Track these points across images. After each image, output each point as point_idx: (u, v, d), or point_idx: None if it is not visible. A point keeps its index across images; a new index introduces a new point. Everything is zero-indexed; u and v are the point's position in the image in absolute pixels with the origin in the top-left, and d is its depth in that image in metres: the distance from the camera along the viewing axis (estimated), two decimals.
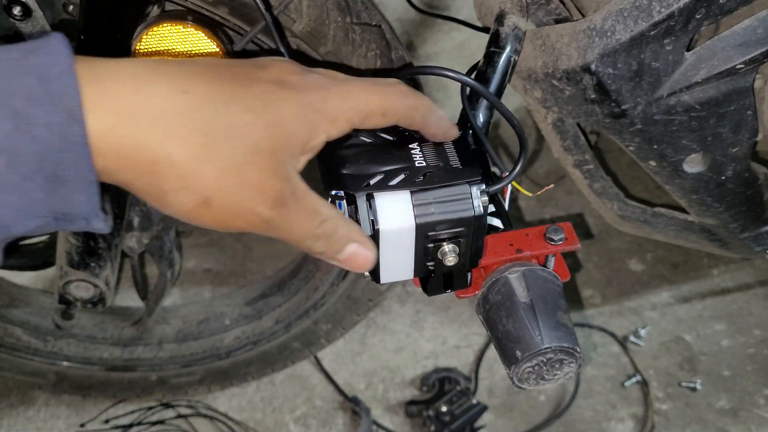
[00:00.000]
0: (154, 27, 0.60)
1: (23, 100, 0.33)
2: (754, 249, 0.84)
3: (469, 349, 1.26)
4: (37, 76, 0.33)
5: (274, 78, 0.40)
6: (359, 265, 0.44)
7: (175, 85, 0.37)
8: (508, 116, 0.52)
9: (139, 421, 1.18)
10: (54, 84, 0.33)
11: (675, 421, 1.14)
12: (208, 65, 0.39)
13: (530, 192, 0.58)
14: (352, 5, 0.70)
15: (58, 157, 0.34)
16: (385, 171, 0.45)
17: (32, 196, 0.34)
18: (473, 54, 1.79)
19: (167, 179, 0.36)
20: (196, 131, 0.36)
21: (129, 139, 0.35)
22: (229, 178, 0.37)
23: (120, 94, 0.35)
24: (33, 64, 0.34)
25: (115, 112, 0.35)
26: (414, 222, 0.45)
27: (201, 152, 0.36)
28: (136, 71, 0.36)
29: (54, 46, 0.34)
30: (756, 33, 0.57)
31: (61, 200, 0.35)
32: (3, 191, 0.33)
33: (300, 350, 1.13)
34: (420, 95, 0.45)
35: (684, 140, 0.65)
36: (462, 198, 0.45)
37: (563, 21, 0.63)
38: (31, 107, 0.33)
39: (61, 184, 0.34)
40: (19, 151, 0.33)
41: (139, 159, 0.36)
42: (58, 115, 0.33)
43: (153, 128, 0.35)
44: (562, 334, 0.48)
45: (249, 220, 0.39)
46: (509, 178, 0.49)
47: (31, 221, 0.35)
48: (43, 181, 0.34)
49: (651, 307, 1.30)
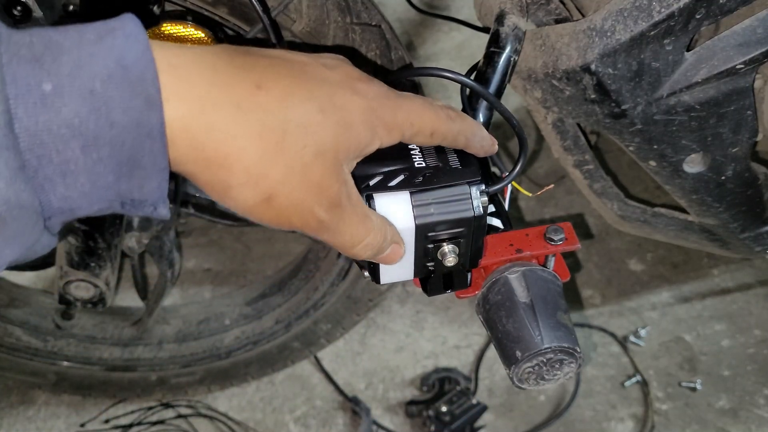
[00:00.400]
0: (154, 27, 0.60)
1: (101, 81, 0.32)
2: (754, 249, 0.84)
3: (469, 349, 1.26)
4: (114, 58, 0.33)
5: (343, 81, 0.40)
6: (392, 261, 0.45)
7: (251, 79, 0.36)
8: (508, 116, 0.52)
9: (139, 421, 1.18)
10: (132, 69, 0.33)
11: (675, 421, 1.14)
12: (281, 60, 0.39)
13: (530, 192, 0.58)
14: (352, 5, 0.70)
15: (134, 143, 0.33)
16: (385, 172, 0.45)
17: (103, 180, 0.34)
18: (473, 54, 1.79)
19: (235, 174, 0.36)
20: (270, 128, 0.36)
21: (203, 131, 0.35)
22: (295, 177, 0.37)
23: (196, 84, 0.35)
24: (110, 46, 0.33)
25: (191, 102, 0.34)
26: (414, 223, 0.45)
27: (272, 149, 0.36)
28: (211, 61, 0.36)
29: (131, 28, 0.34)
30: (756, 33, 0.57)
31: (131, 186, 0.35)
32: (75, 173, 0.33)
33: (300, 350, 1.13)
34: (465, 119, 0.46)
35: (684, 140, 0.65)
36: (461, 198, 0.45)
37: (563, 21, 0.62)
38: (110, 90, 0.32)
39: (133, 170, 0.34)
40: (96, 135, 0.32)
41: (211, 152, 0.35)
42: (136, 100, 0.33)
43: (228, 122, 0.35)
44: (562, 334, 0.48)
45: (305, 219, 0.40)
46: (509, 178, 0.49)
47: (97, 204, 0.35)
48: (116, 165, 0.33)
49: (651, 307, 1.30)
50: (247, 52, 0.38)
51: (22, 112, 0.31)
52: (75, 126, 0.32)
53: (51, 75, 0.31)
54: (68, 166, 0.32)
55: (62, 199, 0.33)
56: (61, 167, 0.32)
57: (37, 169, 0.32)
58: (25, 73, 0.31)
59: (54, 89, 0.31)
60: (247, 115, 0.36)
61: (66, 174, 0.33)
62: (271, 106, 0.36)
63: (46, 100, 0.31)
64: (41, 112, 0.31)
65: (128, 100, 0.32)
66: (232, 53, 0.37)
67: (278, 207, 0.38)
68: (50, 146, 0.32)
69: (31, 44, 0.32)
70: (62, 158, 0.32)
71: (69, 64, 0.32)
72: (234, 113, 0.35)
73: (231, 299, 1.19)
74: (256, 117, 0.36)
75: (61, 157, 0.32)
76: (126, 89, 0.32)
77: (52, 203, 0.33)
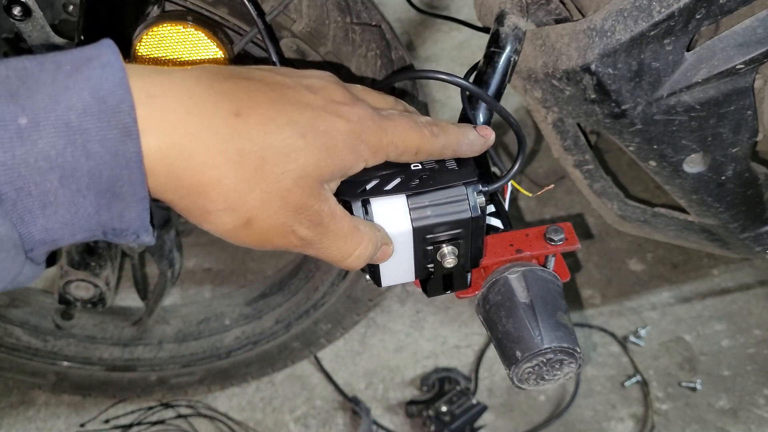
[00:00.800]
0: (154, 27, 0.60)
1: (77, 114, 0.33)
2: (754, 249, 0.84)
3: (469, 349, 1.26)
4: (90, 89, 0.33)
5: (325, 104, 0.40)
6: (384, 260, 0.46)
7: (228, 106, 0.37)
8: (505, 115, 0.52)
9: (139, 421, 1.18)
10: (108, 100, 0.33)
11: (675, 421, 1.14)
12: (262, 84, 0.39)
13: (530, 192, 0.58)
14: (352, 5, 0.69)
15: (112, 173, 0.34)
16: (381, 176, 0.45)
17: (83, 211, 0.34)
18: (473, 54, 1.79)
19: (213, 200, 0.37)
20: (248, 155, 0.37)
21: (181, 160, 0.35)
22: (274, 201, 0.38)
23: (174, 113, 0.35)
24: (86, 77, 0.33)
25: (168, 132, 0.35)
26: (411, 226, 0.45)
27: (250, 175, 0.37)
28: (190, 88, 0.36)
29: (107, 56, 0.34)
30: (756, 33, 0.57)
31: (112, 215, 0.35)
32: (55, 205, 0.33)
33: (300, 350, 1.13)
34: (449, 132, 0.46)
35: (684, 140, 0.65)
36: (458, 200, 0.45)
37: (563, 21, 0.62)
38: (85, 122, 0.33)
39: (113, 200, 0.34)
40: (74, 166, 0.33)
41: (189, 180, 0.36)
42: (113, 131, 0.33)
43: (205, 150, 0.36)
44: (562, 334, 0.47)
45: (287, 239, 0.40)
46: (507, 177, 0.49)
47: (79, 234, 0.35)
48: (95, 196, 0.34)
49: (651, 307, 1.30)
50: (229, 76, 0.38)
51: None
52: (52, 158, 0.32)
53: (26, 110, 0.32)
54: (47, 198, 0.33)
55: (43, 230, 0.34)
56: (41, 199, 0.33)
57: (16, 202, 0.32)
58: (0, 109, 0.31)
59: (30, 123, 0.32)
60: (225, 143, 0.36)
61: (46, 206, 0.33)
62: (250, 133, 0.37)
63: (22, 134, 0.31)
64: (18, 146, 0.31)
65: (105, 131, 0.33)
66: (212, 78, 0.38)
67: (258, 230, 0.39)
68: (28, 179, 0.32)
69: (6, 78, 0.32)
70: (41, 190, 0.32)
71: (44, 97, 0.32)
72: (211, 141, 0.36)
73: (231, 299, 1.19)
74: (234, 145, 0.36)
75: (40, 189, 0.32)
76: (102, 121, 0.33)
77: (33, 235, 0.34)
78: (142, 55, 0.62)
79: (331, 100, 0.41)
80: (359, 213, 0.45)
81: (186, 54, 0.62)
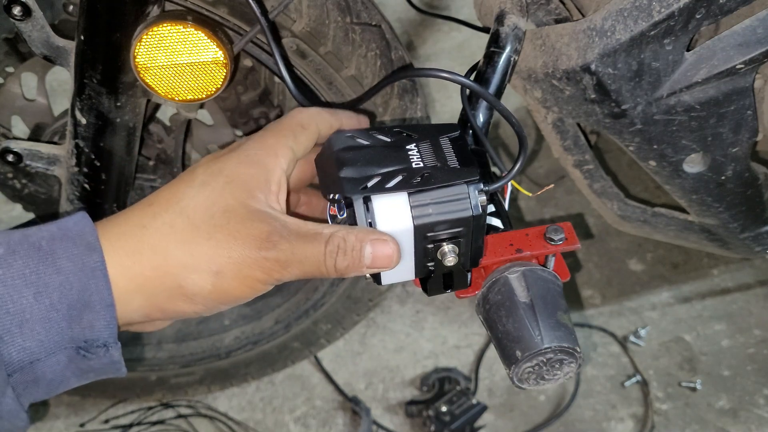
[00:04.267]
0: (154, 27, 0.60)
1: (47, 240, 0.38)
2: (754, 249, 0.84)
3: (469, 349, 1.26)
4: (57, 226, 0.39)
5: (210, 158, 0.45)
6: (387, 260, 0.44)
7: (167, 220, 0.42)
8: (507, 114, 0.52)
9: (139, 421, 1.18)
10: (73, 229, 0.39)
11: (675, 421, 1.14)
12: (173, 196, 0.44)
13: (530, 192, 0.57)
14: (352, 5, 0.69)
15: (80, 284, 0.38)
16: (383, 173, 0.45)
17: (57, 326, 0.38)
18: (473, 54, 1.79)
19: None
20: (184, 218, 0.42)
21: (141, 270, 0.40)
22: (222, 238, 0.41)
23: (128, 234, 0.41)
24: (53, 223, 0.40)
25: (126, 249, 0.40)
26: (412, 223, 0.45)
27: (193, 238, 0.41)
28: (141, 221, 0.42)
29: (73, 213, 0.41)
30: (756, 33, 0.57)
31: (83, 327, 0.39)
32: (31, 322, 0.37)
33: (300, 350, 1.13)
34: (316, 112, 0.50)
35: (684, 140, 0.65)
36: (460, 198, 0.45)
37: (563, 21, 0.62)
38: (54, 245, 0.38)
39: (83, 311, 0.38)
40: (46, 281, 0.37)
41: (154, 284, 0.41)
42: (79, 248, 0.38)
43: (164, 261, 0.41)
44: (562, 334, 0.47)
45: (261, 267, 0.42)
46: (508, 176, 0.49)
47: (54, 354, 0.38)
48: (67, 309, 0.38)
49: (651, 307, 1.30)
50: (166, 209, 0.43)
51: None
52: (26, 276, 0.37)
53: (2, 243, 0.38)
54: (24, 315, 0.37)
55: (21, 350, 0.37)
56: (18, 317, 0.37)
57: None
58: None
59: (6, 251, 0.37)
60: None
61: (23, 324, 0.37)
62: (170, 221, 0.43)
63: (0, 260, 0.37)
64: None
65: (71, 249, 0.38)
66: (154, 213, 0.43)
67: (230, 276, 0.42)
68: (6, 297, 0.36)
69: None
70: (18, 307, 0.36)
71: (18, 234, 0.38)
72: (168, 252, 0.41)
73: None
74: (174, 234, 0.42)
75: (17, 307, 0.36)
76: (68, 242, 0.38)
77: (12, 356, 0.37)
78: (141, 60, 0.62)
79: (210, 155, 0.47)
80: (361, 210, 0.44)
81: (186, 54, 0.62)
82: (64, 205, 0.77)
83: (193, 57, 0.63)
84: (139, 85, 0.66)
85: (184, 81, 0.64)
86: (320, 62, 0.70)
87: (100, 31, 0.62)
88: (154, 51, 0.62)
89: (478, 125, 0.57)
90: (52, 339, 0.38)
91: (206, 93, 0.66)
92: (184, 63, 0.63)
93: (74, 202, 0.76)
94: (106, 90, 0.66)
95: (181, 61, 0.63)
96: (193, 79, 0.64)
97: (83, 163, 0.72)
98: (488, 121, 0.59)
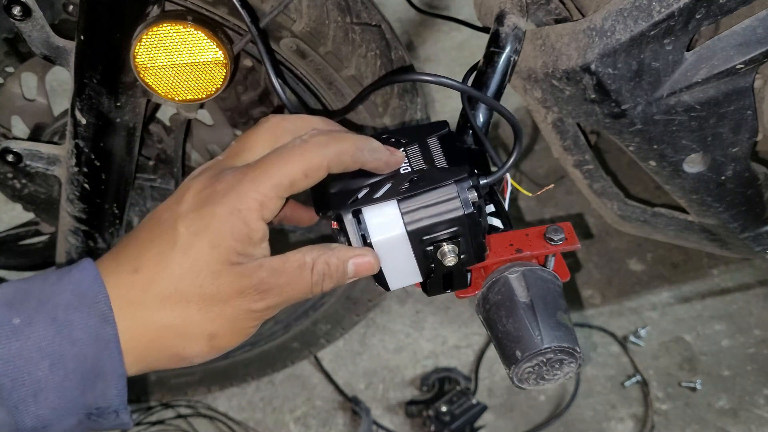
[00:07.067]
0: (154, 27, 0.60)
1: (63, 309, 0.39)
2: (754, 249, 0.84)
3: (469, 349, 1.26)
4: (71, 290, 0.40)
5: (192, 206, 0.43)
6: (369, 268, 0.46)
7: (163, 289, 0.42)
8: (498, 107, 0.52)
9: (139, 422, 1.18)
10: (87, 295, 0.40)
11: (675, 421, 1.14)
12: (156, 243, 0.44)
13: (530, 192, 0.57)
14: (352, 5, 0.69)
15: (94, 355, 0.39)
16: (371, 184, 0.45)
17: (70, 394, 0.39)
18: (473, 54, 1.79)
19: None
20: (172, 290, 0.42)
21: (143, 342, 0.42)
22: (213, 304, 0.42)
23: (140, 303, 0.41)
24: (67, 281, 0.40)
25: (131, 320, 0.41)
26: (404, 230, 0.45)
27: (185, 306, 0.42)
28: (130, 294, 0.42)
29: (83, 264, 0.41)
30: (756, 33, 0.57)
31: (95, 395, 0.40)
32: (45, 391, 0.38)
33: (300, 350, 1.13)
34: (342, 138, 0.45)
35: (684, 140, 0.65)
36: (449, 198, 0.45)
37: (563, 21, 0.62)
38: (70, 315, 0.39)
39: (96, 380, 0.40)
40: (61, 353, 0.38)
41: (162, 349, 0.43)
42: (93, 319, 0.39)
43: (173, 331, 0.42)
44: (562, 334, 0.47)
45: (253, 317, 0.43)
46: (502, 170, 0.49)
47: (66, 420, 0.39)
48: (80, 378, 0.39)
49: (651, 307, 1.30)
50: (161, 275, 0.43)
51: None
52: (43, 348, 0.38)
53: (20, 312, 0.38)
54: (39, 385, 0.38)
55: (35, 417, 0.38)
56: (33, 387, 0.38)
57: (12, 391, 0.37)
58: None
59: (22, 322, 0.38)
60: None
61: (37, 393, 0.38)
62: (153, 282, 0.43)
63: (16, 331, 0.38)
64: (13, 341, 0.37)
65: (86, 319, 0.39)
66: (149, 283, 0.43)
67: (226, 334, 0.43)
68: (23, 369, 0.37)
69: (3, 294, 0.40)
70: (33, 378, 0.37)
71: (34, 301, 0.39)
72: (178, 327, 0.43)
73: None
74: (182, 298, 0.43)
75: (32, 378, 0.37)
76: (84, 311, 0.39)
77: (26, 423, 0.38)
78: (141, 60, 0.62)
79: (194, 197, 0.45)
80: (352, 224, 0.45)
81: (186, 54, 0.62)
82: (64, 205, 0.77)
83: (193, 57, 0.63)
84: (139, 85, 0.66)
85: (184, 81, 0.64)
86: (320, 62, 0.70)
87: (100, 31, 0.62)
88: (154, 51, 0.62)
89: (478, 125, 0.57)
90: (65, 406, 0.39)
91: (206, 93, 0.66)
92: (184, 63, 0.63)
93: (74, 202, 0.76)
94: (106, 90, 0.66)
95: (181, 61, 0.63)
96: (193, 79, 0.64)
97: (83, 163, 0.72)
98: (488, 121, 0.59)
